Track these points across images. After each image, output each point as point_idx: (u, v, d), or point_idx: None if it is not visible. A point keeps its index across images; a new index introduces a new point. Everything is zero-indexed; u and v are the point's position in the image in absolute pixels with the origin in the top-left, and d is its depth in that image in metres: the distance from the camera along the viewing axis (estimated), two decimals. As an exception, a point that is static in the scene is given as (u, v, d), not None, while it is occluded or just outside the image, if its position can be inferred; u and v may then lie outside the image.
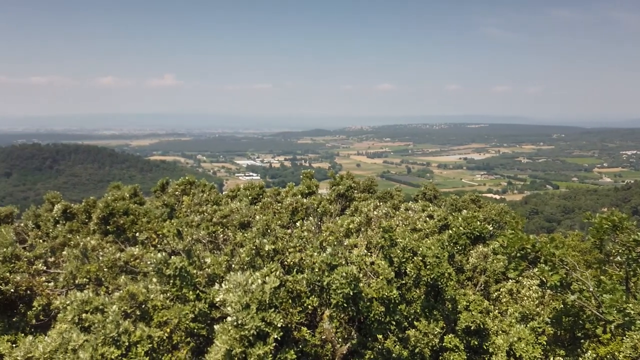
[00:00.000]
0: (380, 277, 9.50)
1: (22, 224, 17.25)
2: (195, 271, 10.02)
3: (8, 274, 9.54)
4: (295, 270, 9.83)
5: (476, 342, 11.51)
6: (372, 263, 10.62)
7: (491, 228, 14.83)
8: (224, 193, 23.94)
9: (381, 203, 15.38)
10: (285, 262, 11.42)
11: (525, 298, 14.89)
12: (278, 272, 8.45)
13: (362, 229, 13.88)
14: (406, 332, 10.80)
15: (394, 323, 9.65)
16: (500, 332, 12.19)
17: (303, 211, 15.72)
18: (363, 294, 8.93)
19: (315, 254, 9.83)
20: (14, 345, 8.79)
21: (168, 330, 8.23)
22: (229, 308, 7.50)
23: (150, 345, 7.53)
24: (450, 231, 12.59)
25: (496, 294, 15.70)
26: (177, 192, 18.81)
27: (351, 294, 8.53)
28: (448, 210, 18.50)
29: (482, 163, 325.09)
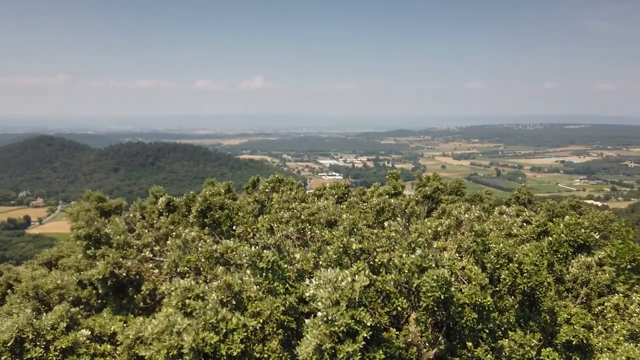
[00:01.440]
0: (473, 283, 9.14)
1: (130, 215, 18.97)
2: (285, 266, 10.35)
3: (121, 259, 10.53)
4: (384, 270, 9.76)
5: (578, 359, 10.65)
6: (463, 268, 10.25)
7: (597, 236, 13.62)
8: (309, 191, 24.48)
9: (473, 206, 14.77)
10: (372, 262, 11.41)
11: (635, 315, 13.51)
12: (367, 272, 8.46)
13: (451, 232, 13.46)
14: (499, 341, 10.28)
15: (487, 331, 9.23)
16: (606, 349, 11.17)
17: (390, 211, 15.57)
18: (455, 299, 8.65)
19: (404, 255, 9.69)
20: (124, 324, 9.69)
21: (261, 320, 8.59)
22: (319, 303, 7.65)
23: (245, 334, 7.91)
24: (551, 238, 11.77)
25: (599, 308, 14.41)
26: (267, 189, 19.54)
27: (442, 297, 8.30)
28: (546, 216, 17.30)
29: (582, 167, 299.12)
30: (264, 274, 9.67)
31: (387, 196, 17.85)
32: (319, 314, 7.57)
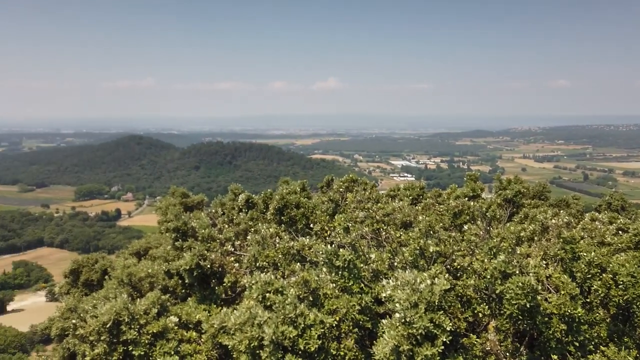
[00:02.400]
0: (562, 292, 8.59)
1: (212, 210, 19.95)
2: (361, 265, 10.37)
3: (206, 252, 11.12)
4: (464, 275, 9.47)
5: (681, 382, 9.64)
6: (550, 276, 9.66)
7: None
8: (381, 192, 24.30)
9: (561, 211, 13.87)
10: (449, 266, 11.11)
11: None
12: (447, 275, 8.26)
13: (536, 238, 12.73)
14: (589, 356, 9.57)
15: (577, 344, 8.63)
16: None
17: (468, 214, 15.05)
18: (541, 308, 8.19)
19: (486, 260, 9.33)
20: (208, 314, 10.23)
21: (337, 318, 8.69)
22: (396, 305, 7.59)
23: (322, 330, 8.04)
24: (651, 248, 10.76)
25: None
26: (341, 189, 19.67)
27: (527, 306, 7.89)
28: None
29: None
30: (340, 273, 9.75)
31: (465, 199, 17.27)
32: (396, 315, 7.51)
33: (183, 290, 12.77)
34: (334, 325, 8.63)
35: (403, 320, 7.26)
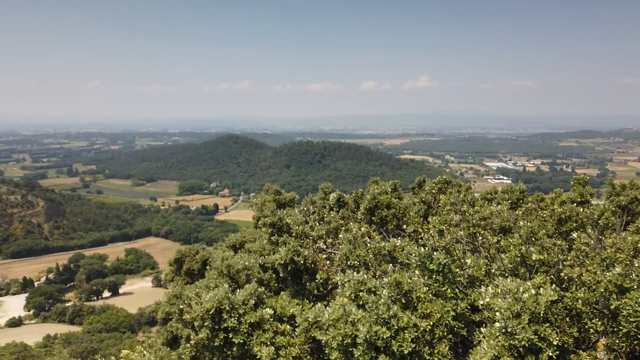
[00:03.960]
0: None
1: (304, 208, 20.47)
2: (456, 270, 10.01)
3: (300, 248, 11.44)
4: (574, 286, 8.74)
5: None
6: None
7: None
8: (476, 194, 23.24)
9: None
10: (553, 276, 10.33)
11: None
12: (554, 286, 7.69)
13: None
14: None
15: None
16: None
17: (576, 221, 13.86)
18: (666, 329, 7.30)
19: (599, 272, 8.53)
20: (301, 309, 10.52)
21: (431, 323, 8.48)
22: (496, 314, 7.23)
23: (415, 334, 7.89)
24: None
25: None
26: (433, 190, 19.13)
27: (650, 325, 7.08)
28: None
29: None
30: (434, 277, 9.50)
31: (572, 204, 15.93)
32: (497, 324, 7.15)
33: (276, 284, 13.27)
34: (428, 329, 8.42)
35: (504, 330, 6.89)
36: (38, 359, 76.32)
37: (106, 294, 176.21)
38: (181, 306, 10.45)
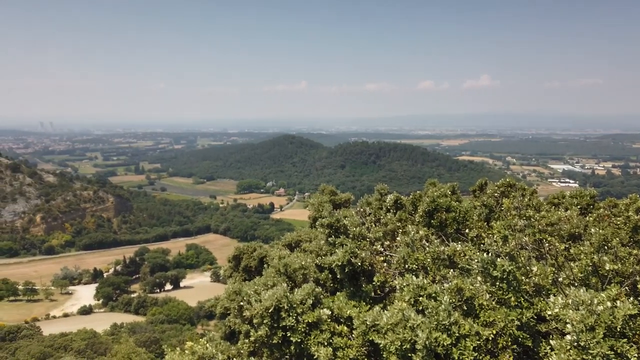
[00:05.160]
0: None
1: (360, 209, 20.38)
2: (521, 278, 9.58)
3: (357, 249, 11.39)
4: (655, 300, 8.10)
5: None
6: None
7: None
8: (540, 198, 22.15)
9: None
10: (628, 288, 9.63)
11: None
12: (631, 299, 7.16)
13: None
14: None
15: None
16: None
17: (656, 230, 12.84)
18: None
19: (684, 285, 7.86)
20: (358, 311, 10.47)
21: (494, 331, 8.16)
22: (567, 326, 6.84)
23: (477, 342, 7.63)
24: None
25: None
26: (496, 194, 18.43)
27: None
28: None
29: None
30: (498, 284, 9.13)
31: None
32: (567, 337, 6.76)
33: (332, 285, 13.29)
34: (490, 338, 8.11)
35: (576, 343, 6.50)
36: (106, 346, 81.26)
37: (168, 286, 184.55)
38: (241, 303, 10.72)
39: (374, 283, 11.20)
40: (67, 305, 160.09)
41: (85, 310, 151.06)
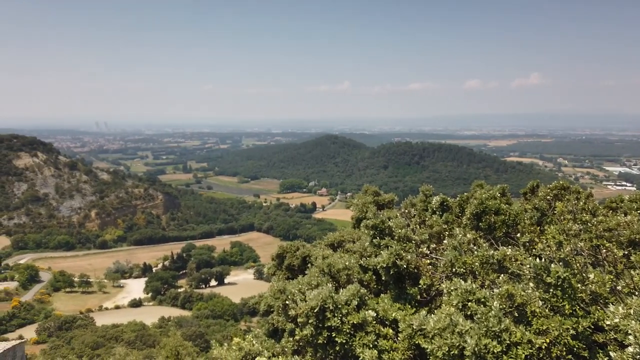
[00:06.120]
0: None
1: (404, 210, 20.11)
2: (577, 285, 9.15)
3: (402, 251, 11.25)
4: None
5: None
6: None
7: None
8: (596, 202, 21.06)
9: None
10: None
11: None
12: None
13: None
14: None
15: None
16: None
17: None
18: None
19: None
20: (403, 313, 10.34)
21: (547, 340, 7.84)
22: (629, 337, 6.49)
23: (530, 351, 7.36)
24: None
25: None
26: (548, 197, 17.70)
27: None
28: None
29: None
30: (552, 291, 8.77)
31: None
32: (629, 349, 6.41)
33: (375, 286, 13.19)
34: (544, 347, 7.80)
35: (638, 356, 6.14)
36: (154, 338, 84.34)
37: (213, 282, 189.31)
38: (286, 302, 10.83)
39: (419, 286, 11.04)
40: (119, 298, 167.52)
41: (135, 303, 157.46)
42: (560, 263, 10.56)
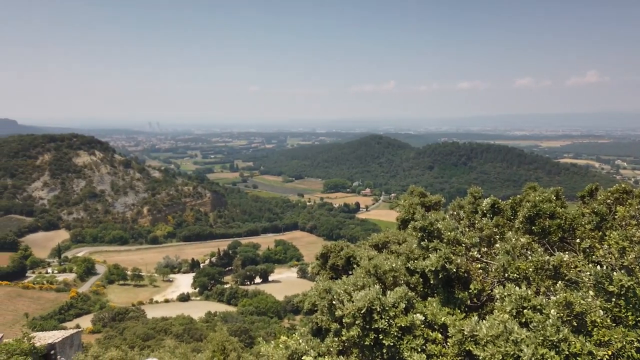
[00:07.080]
0: None
1: (452, 212, 19.61)
2: (643, 295, 8.59)
3: (452, 255, 10.97)
4: None
5: None
6: None
7: None
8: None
9: None
10: None
11: None
12: None
13: None
14: None
15: None
16: None
17: None
18: None
19: None
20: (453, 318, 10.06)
21: (609, 352, 7.40)
22: None
23: (591, 363, 6.97)
24: None
25: None
26: (608, 200, 16.75)
27: None
28: None
29: None
30: (614, 300, 8.27)
31: None
32: None
33: (423, 290, 12.93)
34: (605, 359, 7.37)
35: None
36: (201, 332, 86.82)
37: (257, 280, 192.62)
38: (333, 302, 10.81)
39: (470, 291, 10.71)
40: (168, 292, 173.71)
41: (184, 298, 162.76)
42: (623, 271, 9.96)
